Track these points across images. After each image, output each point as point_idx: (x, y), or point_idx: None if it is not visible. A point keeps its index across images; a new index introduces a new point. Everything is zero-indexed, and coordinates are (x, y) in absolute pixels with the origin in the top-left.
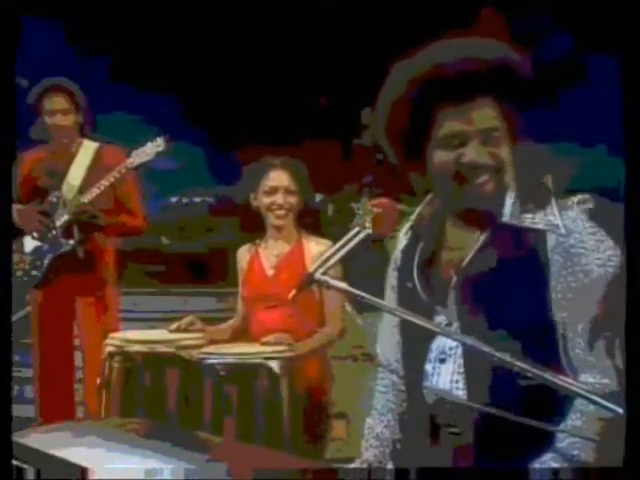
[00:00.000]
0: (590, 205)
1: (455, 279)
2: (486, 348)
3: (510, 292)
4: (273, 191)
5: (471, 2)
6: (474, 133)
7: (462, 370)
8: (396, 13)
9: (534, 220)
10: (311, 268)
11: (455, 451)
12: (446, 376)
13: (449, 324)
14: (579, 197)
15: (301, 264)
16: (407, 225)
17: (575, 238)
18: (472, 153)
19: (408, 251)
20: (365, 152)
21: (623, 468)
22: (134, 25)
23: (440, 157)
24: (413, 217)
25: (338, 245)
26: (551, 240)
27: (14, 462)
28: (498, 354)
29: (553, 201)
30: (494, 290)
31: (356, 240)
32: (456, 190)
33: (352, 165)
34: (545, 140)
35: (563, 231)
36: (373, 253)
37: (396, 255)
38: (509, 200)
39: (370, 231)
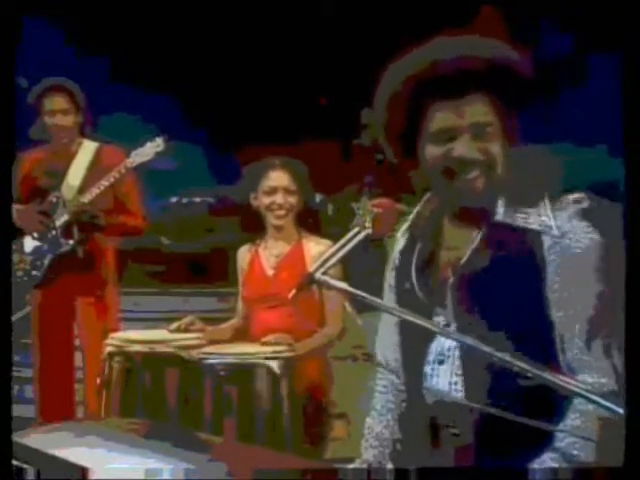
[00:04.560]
0: (585, 204)
1: (452, 279)
2: (485, 348)
3: (507, 292)
4: (273, 191)
5: (471, 2)
6: (465, 127)
7: (460, 372)
8: (396, 13)
9: (527, 220)
10: (311, 268)
11: (455, 451)
12: (445, 377)
13: (447, 325)
14: (574, 196)
15: (301, 264)
16: (405, 225)
17: (570, 238)
18: (461, 147)
19: (406, 252)
20: (365, 152)
21: (623, 468)
22: (134, 25)
23: (431, 152)
24: (411, 217)
25: (338, 245)
26: (547, 240)
27: (14, 462)
28: (498, 354)
29: (547, 201)
30: (491, 290)
31: (356, 240)
32: (447, 186)
33: (352, 165)
34: (545, 140)
35: (556, 232)
36: (373, 253)
37: (394, 255)
38: (502, 199)
39: (370, 231)
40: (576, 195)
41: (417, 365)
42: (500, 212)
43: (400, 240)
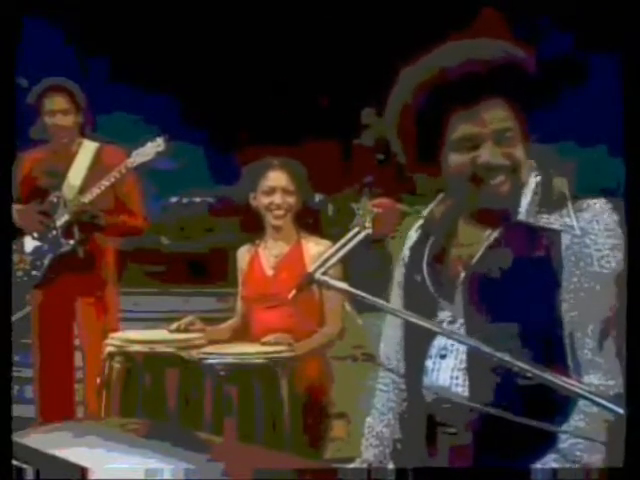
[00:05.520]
0: (609, 207)
1: (463, 275)
2: (487, 349)
3: (519, 290)
4: (271, 191)
5: (471, 2)
6: (487, 135)
7: (463, 366)
8: (396, 13)
9: (549, 220)
10: (311, 268)
11: (451, 451)
12: (446, 372)
13: (453, 320)
14: (597, 200)
15: (300, 264)
16: (418, 223)
17: (591, 239)
18: (487, 154)
19: (418, 247)
20: (365, 152)
21: (623, 468)
22: (134, 25)
23: (455, 160)
24: (424, 214)
25: (338, 245)
26: (565, 240)
27: (14, 462)
28: (499, 354)
29: (569, 203)
30: (502, 287)
31: (356, 240)
32: (473, 191)
33: (352, 165)
34: (545, 140)
35: (578, 232)
36: (373, 253)
37: (405, 252)
38: (525, 199)
39: (370, 231)
40: (601, 199)
41: (419, 360)
42: (523, 212)
43: (412, 237)
